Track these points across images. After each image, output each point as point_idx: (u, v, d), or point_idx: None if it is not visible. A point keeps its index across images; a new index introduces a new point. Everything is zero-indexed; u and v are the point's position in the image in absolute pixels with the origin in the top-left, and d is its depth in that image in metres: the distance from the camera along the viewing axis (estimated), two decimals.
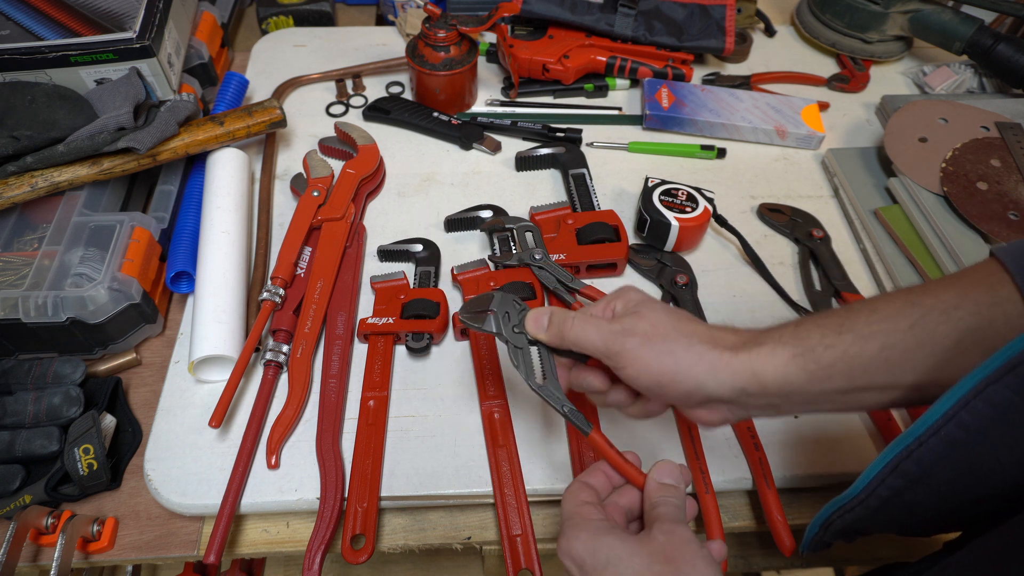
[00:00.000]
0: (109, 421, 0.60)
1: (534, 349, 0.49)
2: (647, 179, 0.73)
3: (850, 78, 0.92)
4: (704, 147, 0.83)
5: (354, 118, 0.87)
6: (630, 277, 0.71)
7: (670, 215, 0.69)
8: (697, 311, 0.66)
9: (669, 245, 0.71)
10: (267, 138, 0.82)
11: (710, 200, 0.71)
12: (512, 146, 0.83)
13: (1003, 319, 0.38)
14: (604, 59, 0.88)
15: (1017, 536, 0.35)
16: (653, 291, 0.70)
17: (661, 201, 0.70)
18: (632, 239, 0.74)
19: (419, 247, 0.71)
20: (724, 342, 0.43)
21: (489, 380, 0.61)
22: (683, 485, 0.44)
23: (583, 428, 0.47)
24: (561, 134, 0.83)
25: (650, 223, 0.70)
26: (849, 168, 0.79)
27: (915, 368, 0.40)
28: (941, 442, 0.37)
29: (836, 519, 0.45)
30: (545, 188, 0.80)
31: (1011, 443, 0.36)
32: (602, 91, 0.90)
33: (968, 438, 0.36)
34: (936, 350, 0.39)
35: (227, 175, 0.71)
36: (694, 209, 0.70)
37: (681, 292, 0.68)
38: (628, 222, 0.75)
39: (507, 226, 0.70)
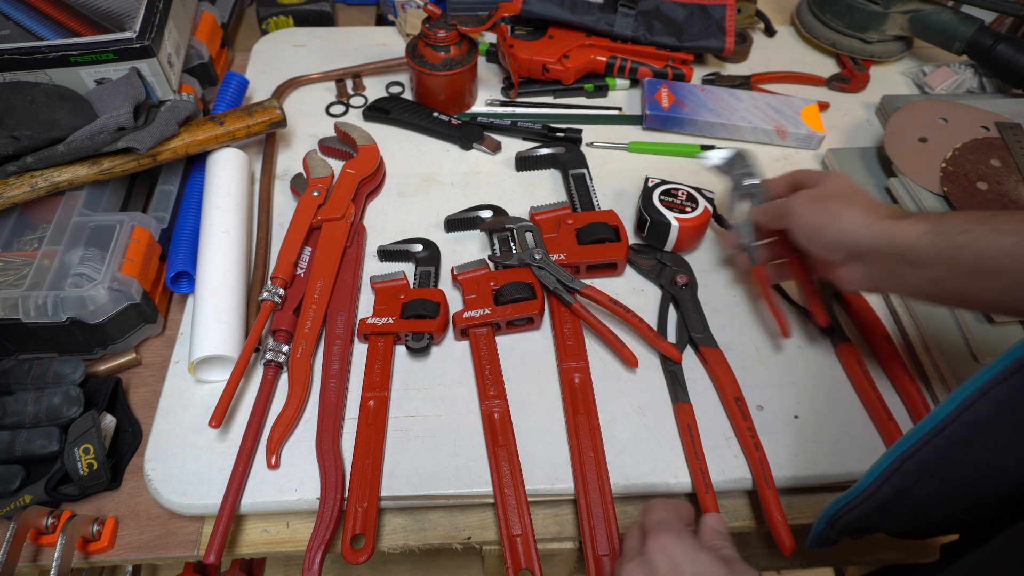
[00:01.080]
0: (109, 421, 0.60)
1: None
2: (647, 179, 0.73)
3: (850, 78, 0.92)
4: (704, 147, 0.83)
5: (354, 118, 0.87)
6: (630, 277, 0.71)
7: (670, 215, 0.69)
8: (697, 311, 0.66)
9: (669, 245, 0.71)
10: (267, 138, 0.82)
11: (710, 200, 0.71)
12: (512, 146, 0.83)
13: None
14: (604, 59, 0.88)
15: (1018, 545, 0.34)
16: (653, 291, 0.70)
17: (661, 201, 0.70)
18: (632, 239, 0.74)
19: (419, 247, 0.71)
20: (878, 211, 0.51)
21: (489, 380, 0.61)
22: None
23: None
24: (561, 134, 0.83)
25: (650, 223, 0.70)
26: (849, 168, 0.79)
27: None
28: (945, 441, 0.38)
29: (842, 515, 0.46)
30: (545, 188, 0.80)
31: (1014, 444, 0.36)
32: (602, 91, 0.90)
33: (972, 438, 0.36)
34: None
35: (227, 175, 0.71)
36: (694, 209, 0.70)
37: (681, 292, 0.68)
38: (628, 222, 0.75)
39: (507, 226, 0.70)
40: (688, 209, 0.69)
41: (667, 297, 0.68)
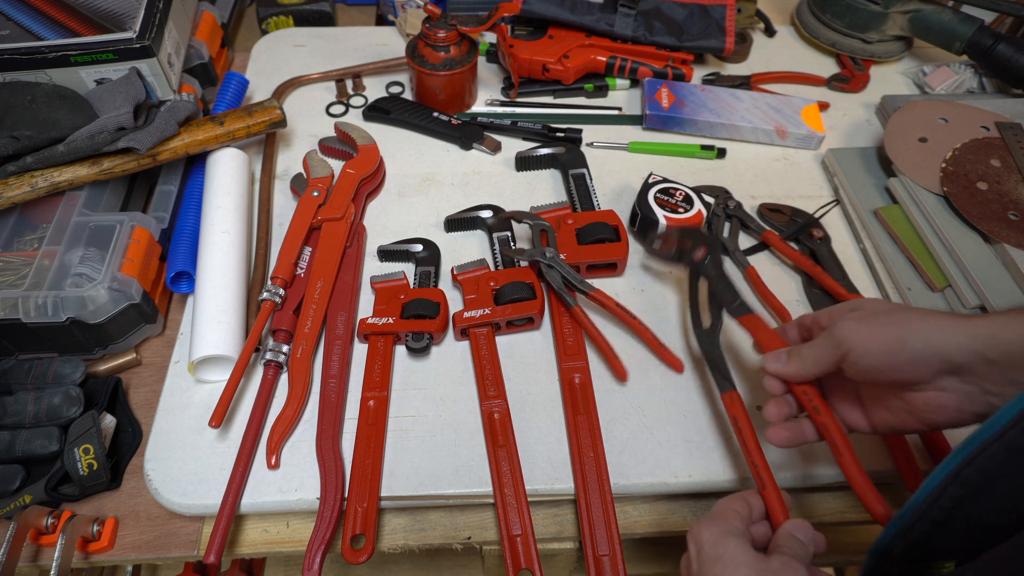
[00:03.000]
0: (109, 421, 0.60)
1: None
2: (650, 175, 0.73)
3: (850, 78, 0.92)
4: (704, 147, 0.83)
5: (354, 118, 0.87)
6: (630, 277, 0.71)
7: (660, 213, 0.69)
8: (725, 282, 0.61)
9: (658, 243, 0.71)
10: (267, 138, 0.82)
11: (707, 205, 0.71)
12: (512, 146, 0.83)
13: None
14: (604, 59, 0.88)
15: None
16: (654, 291, 0.70)
17: (656, 199, 0.70)
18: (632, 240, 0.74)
19: (419, 247, 0.71)
20: (958, 314, 0.43)
21: (489, 380, 0.61)
22: (811, 547, 0.43)
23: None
24: (561, 134, 0.83)
25: (640, 218, 0.70)
26: (849, 168, 0.79)
27: None
28: (1004, 448, 0.35)
29: (898, 543, 0.42)
30: (545, 188, 0.80)
31: None
32: (602, 91, 0.90)
33: None
34: None
35: (227, 175, 0.71)
36: (687, 211, 0.69)
37: (704, 267, 0.62)
38: (628, 222, 0.75)
39: (524, 221, 0.70)
40: (681, 210, 0.69)
41: (694, 275, 0.63)
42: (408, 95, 0.90)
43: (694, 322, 0.60)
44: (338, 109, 0.88)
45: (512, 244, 0.72)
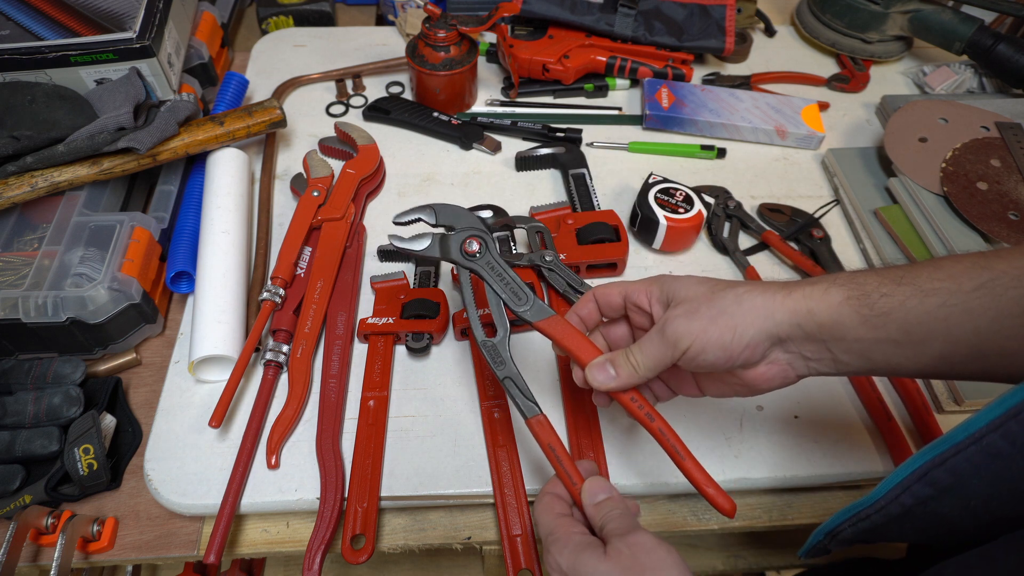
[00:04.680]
0: (109, 421, 0.60)
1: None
2: (649, 175, 0.73)
3: (850, 78, 0.92)
4: (704, 147, 0.83)
5: (354, 118, 0.87)
6: (630, 277, 0.71)
7: (661, 213, 0.69)
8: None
9: (657, 243, 0.71)
10: (267, 138, 0.82)
11: (707, 205, 0.71)
12: (512, 146, 0.83)
13: None
14: (604, 59, 0.88)
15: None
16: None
17: (656, 199, 0.70)
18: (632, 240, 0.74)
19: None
20: (772, 288, 0.43)
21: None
22: (615, 492, 0.45)
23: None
24: (561, 134, 0.83)
25: (640, 218, 0.70)
26: (849, 168, 0.79)
27: (977, 331, 0.38)
28: (981, 452, 0.35)
29: (847, 528, 0.43)
30: (545, 188, 0.80)
31: None
32: (602, 91, 0.90)
33: (1013, 452, 0.34)
34: (1002, 315, 0.37)
35: (227, 175, 0.71)
36: (687, 211, 0.69)
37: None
38: (628, 222, 0.75)
39: (518, 226, 0.70)
40: (681, 210, 0.69)
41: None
42: (408, 95, 0.90)
43: (478, 333, 0.50)
44: (338, 109, 0.88)
45: (512, 244, 0.71)
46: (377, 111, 0.86)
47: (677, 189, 0.71)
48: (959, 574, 0.37)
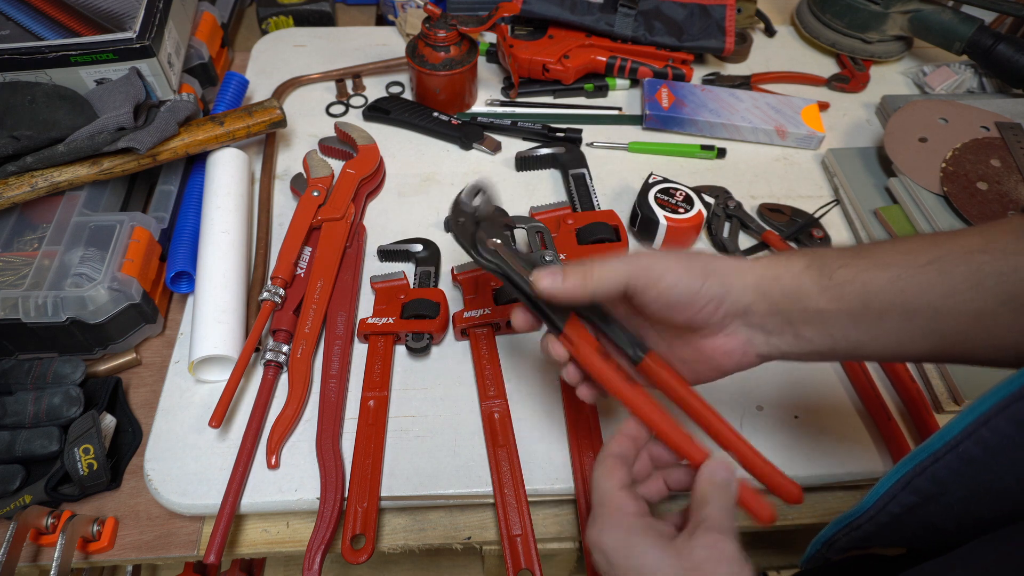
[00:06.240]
0: (109, 421, 0.60)
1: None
2: (649, 175, 0.73)
3: (850, 78, 0.92)
4: (704, 147, 0.83)
5: (354, 118, 0.87)
6: None
7: (661, 213, 0.69)
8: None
9: (657, 243, 0.71)
10: (267, 138, 0.82)
11: (707, 205, 0.71)
12: (512, 146, 0.83)
13: None
14: (604, 59, 0.88)
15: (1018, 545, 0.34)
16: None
17: (656, 199, 0.70)
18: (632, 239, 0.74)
19: (419, 247, 0.71)
20: (744, 259, 0.44)
21: (489, 380, 0.61)
22: (734, 485, 0.41)
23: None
24: (561, 134, 0.83)
25: (640, 218, 0.70)
26: (849, 168, 0.79)
27: (931, 304, 0.38)
28: (958, 459, 0.36)
29: (841, 537, 0.44)
30: (545, 188, 0.80)
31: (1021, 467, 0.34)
32: (602, 91, 0.90)
33: (986, 457, 0.35)
34: (953, 290, 0.38)
35: (227, 175, 0.71)
36: (687, 211, 0.69)
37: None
38: (628, 222, 0.75)
39: (518, 226, 0.70)
40: (681, 210, 0.69)
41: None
42: (408, 95, 0.90)
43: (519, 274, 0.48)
44: (338, 109, 0.88)
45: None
46: (377, 111, 0.86)
47: (677, 189, 0.71)
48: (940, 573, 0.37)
